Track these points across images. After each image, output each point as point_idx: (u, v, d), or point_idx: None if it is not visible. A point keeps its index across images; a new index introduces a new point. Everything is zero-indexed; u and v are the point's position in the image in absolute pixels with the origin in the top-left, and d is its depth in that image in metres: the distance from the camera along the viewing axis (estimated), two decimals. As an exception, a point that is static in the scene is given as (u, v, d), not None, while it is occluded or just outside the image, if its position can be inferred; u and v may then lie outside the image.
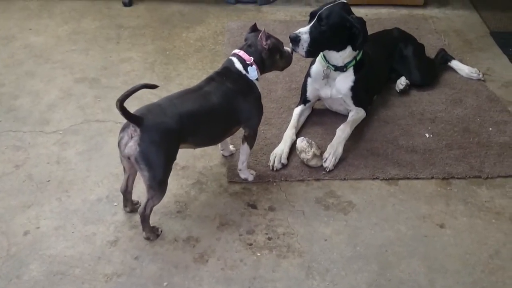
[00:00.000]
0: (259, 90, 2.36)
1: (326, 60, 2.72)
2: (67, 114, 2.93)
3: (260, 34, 2.29)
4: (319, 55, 2.75)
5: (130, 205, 2.31)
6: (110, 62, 3.41)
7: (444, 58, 3.36)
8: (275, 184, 2.49)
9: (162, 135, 2.04)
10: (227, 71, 2.31)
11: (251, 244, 2.20)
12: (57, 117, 2.91)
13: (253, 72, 2.30)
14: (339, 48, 2.64)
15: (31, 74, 3.28)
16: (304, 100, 2.87)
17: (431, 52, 3.41)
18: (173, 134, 2.08)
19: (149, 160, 2.02)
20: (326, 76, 2.74)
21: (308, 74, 2.84)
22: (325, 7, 2.57)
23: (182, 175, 2.53)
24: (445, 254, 2.17)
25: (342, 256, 2.15)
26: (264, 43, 2.30)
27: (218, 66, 3.32)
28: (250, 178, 2.49)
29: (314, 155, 2.53)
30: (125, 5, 4.11)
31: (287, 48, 2.47)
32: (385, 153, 2.67)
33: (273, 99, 3.05)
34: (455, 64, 3.33)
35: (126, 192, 2.27)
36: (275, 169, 2.54)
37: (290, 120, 2.80)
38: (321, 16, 2.55)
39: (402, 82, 3.11)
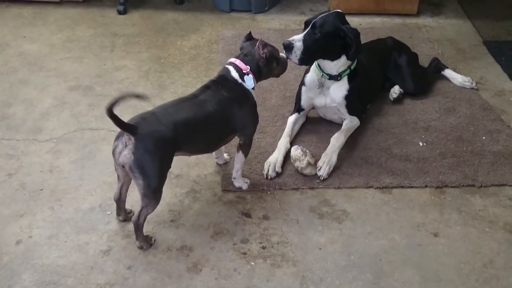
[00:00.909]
0: (255, 99, 2.37)
1: (321, 69, 2.72)
2: (61, 122, 2.92)
3: (258, 43, 2.30)
4: (314, 64, 2.75)
5: (123, 213, 2.30)
6: (104, 70, 3.40)
7: (437, 67, 3.37)
8: (269, 192, 2.49)
9: (156, 143, 2.03)
10: (223, 80, 2.31)
11: (245, 253, 2.19)
12: (50, 125, 2.90)
13: (249, 81, 2.31)
14: (333, 57, 2.65)
15: (25, 82, 3.26)
16: (298, 108, 2.87)
17: (424, 61, 3.42)
18: (168, 142, 2.08)
19: (144, 168, 2.01)
20: (321, 85, 2.74)
21: (302, 83, 2.85)
22: (320, 16, 2.58)
23: (176, 183, 2.52)
24: (439, 263, 2.17)
25: (337, 265, 2.15)
26: (262, 52, 2.31)
27: (212, 74, 3.33)
28: (245, 186, 2.49)
29: (309, 164, 2.53)
30: (120, 13, 4.11)
31: (283, 54, 2.48)
32: (379, 162, 2.68)
33: (268, 108, 3.05)
34: (448, 73, 3.35)
35: (120, 200, 2.26)
36: (269, 177, 2.54)
37: (284, 129, 2.80)
38: (315, 25, 2.55)
39: (395, 90, 3.12)
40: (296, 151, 2.55)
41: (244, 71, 2.30)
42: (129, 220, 2.26)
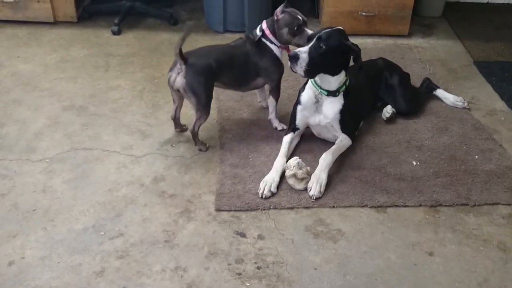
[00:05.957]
0: (278, 54, 2.84)
1: (318, 85, 2.74)
2: (54, 142, 2.91)
3: (279, 7, 2.73)
4: (310, 81, 2.78)
5: (179, 127, 2.96)
6: (98, 90, 3.41)
7: (429, 87, 3.41)
8: (264, 212, 2.48)
9: (201, 69, 2.63)
10: (250, 35, 2.87)
11: (240, 274, 2.17)
12: (43, 145, 2.89)
13: (269, 39, 2.81)
14: (335, 71, 2.69)
15: (18, 102, 3.26)
16: (293, 128, 2.88)
17: (416, 81, 3.46)
18: (209, 69, 2.66)
19: (194, 88, 2.62)
20: (317, 101, 2.76)
21: (298, 102, 2.86)
22: (324, 31, 2.62)
23: (170, 203, 2.51)
24: (434, 282, 2.17)
25: (332, 285, 2.14)
26: (277, 15, 2.72)
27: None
28: (279, 127, 2.99)
29: (294, 177, 2.55)
30: (114, 33, 4.13)
31: (308, 30, 2.73)
32: (373, 181, 2.68)
33: (262, 127, 3.06)
34: (440, 93, 3.38)
35: (176, 118, 2.91)
36: (264, 197, 2.54)
37: (279, 148, 2.80)
38: (320, 38, 2.59)
39: (388, 110, 3.15)
40: (293, 161, 2.58)
41: (265, 31, 2.80)
42: (185, 131, 2.95)
